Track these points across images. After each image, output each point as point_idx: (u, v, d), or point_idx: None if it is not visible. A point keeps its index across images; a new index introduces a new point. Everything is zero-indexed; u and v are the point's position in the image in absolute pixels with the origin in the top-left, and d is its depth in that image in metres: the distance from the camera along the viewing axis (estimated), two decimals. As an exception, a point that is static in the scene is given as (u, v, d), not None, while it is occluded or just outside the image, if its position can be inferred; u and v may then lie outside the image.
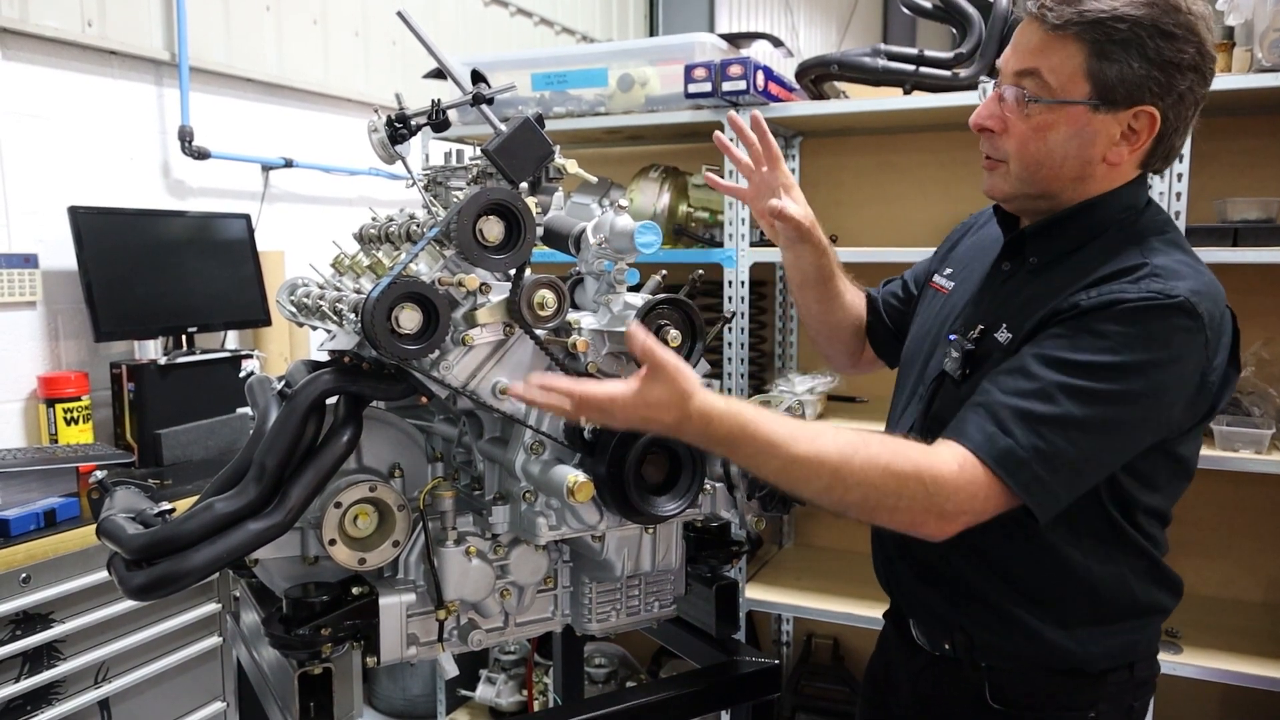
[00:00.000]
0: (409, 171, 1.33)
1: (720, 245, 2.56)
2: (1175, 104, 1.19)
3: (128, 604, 2.15)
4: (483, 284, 1.21)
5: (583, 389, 1.09)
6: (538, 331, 1.23)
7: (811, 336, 1.71)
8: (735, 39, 2.72)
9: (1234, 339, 1.28)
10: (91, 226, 2.60)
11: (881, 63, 2.43)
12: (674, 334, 1.24)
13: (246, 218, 3.06)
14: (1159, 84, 1.16)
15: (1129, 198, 1.26)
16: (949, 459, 1.13)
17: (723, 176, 2.48)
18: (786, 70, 2.59)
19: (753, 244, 2.54)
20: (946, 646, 1.37)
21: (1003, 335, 1.24)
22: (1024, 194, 1.28)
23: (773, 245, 2.59)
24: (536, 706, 2.94)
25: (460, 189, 1.39)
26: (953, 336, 1.31)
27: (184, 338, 2.85)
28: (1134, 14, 1.14)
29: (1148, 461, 1.23)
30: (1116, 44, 1.15)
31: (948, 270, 1.49)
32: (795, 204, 1.52)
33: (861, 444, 1.12)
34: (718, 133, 1.58)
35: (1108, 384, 1.12)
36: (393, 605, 1.26)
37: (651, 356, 1.08)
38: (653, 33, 6.02)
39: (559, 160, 1.32)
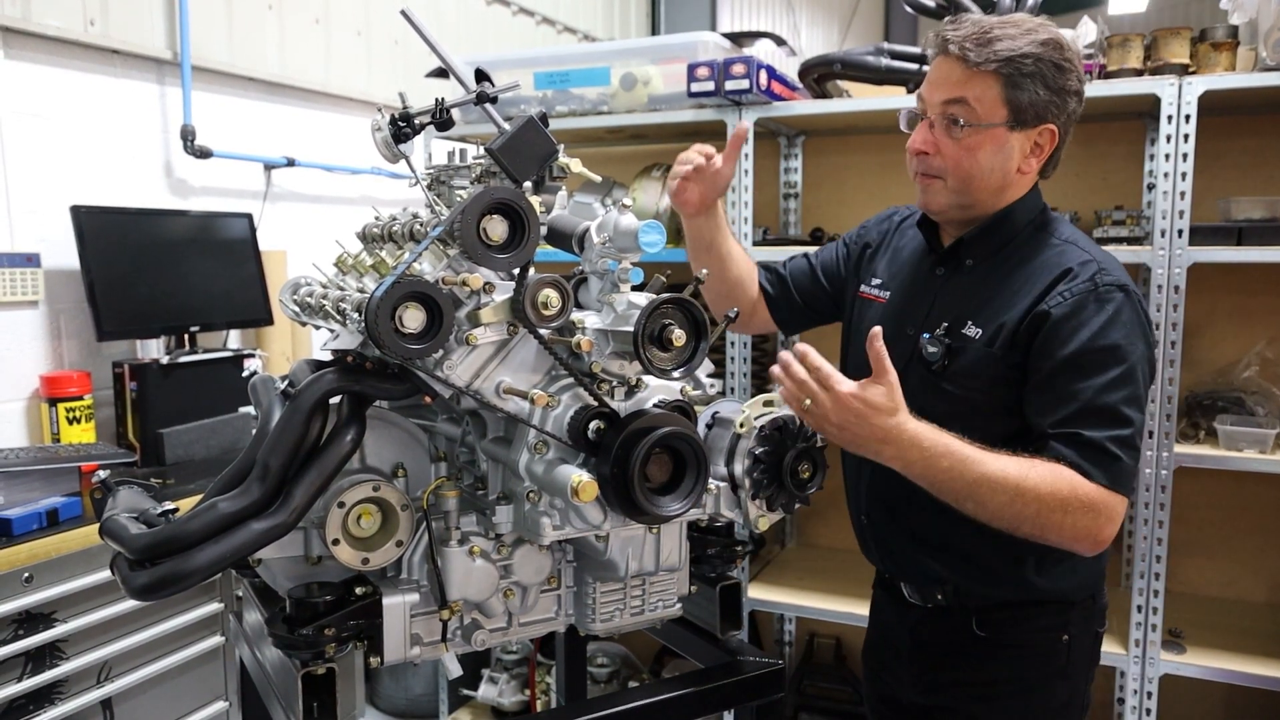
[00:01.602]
0: (412, 170, 1.33)
1: (723, 244, 2.55)
2: (1066, 121, 1.49)
3: (130, 603, 2.15)
4: (486, 283, 1.21)
5: (821, 364, 1.32)
6: (541, 331, 1.23)
7: (709, 299, 1.86)
8: (738, 38, 2.72)
9: None
10: (94, 226, 2.59)
11: (885, 61, 2.43)
12: (678, 333, 1.23)
13: (248, 217, 3.06)
14: (1057, 106, 1.46)
15: (1035, 201, 1.56)
16: (1090, 486, 1.36)
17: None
18: (789, 69, 2.59)
19: (756, 243, 2.54)
20: (939, 598, 1.61)
21: (971, 330, 1.50)
22: (957, 204, 1.53)
23: (776, 245, 2.60)
24: (539, 706, 2.93)
25: (463, 188, 1.39)
26: (926, 335, 1.54)
27: (186, 337, 2.85)
28: (1035, 51, 1.43)
29: None
30: (1025, 76, 1.43)
31: (876, 281, 1.72)
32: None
33: (1028, 464, 1.35)
34: (737, 132, 1.78)
35: (1137, 378, 1.41)
36: (396, 605, 1.26)
37: (880, 361, 1.31)
38: (654, 32, 6.02)
39: (563, 159, 1.31)
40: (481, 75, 1.33)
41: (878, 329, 1.36)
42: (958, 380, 1.51)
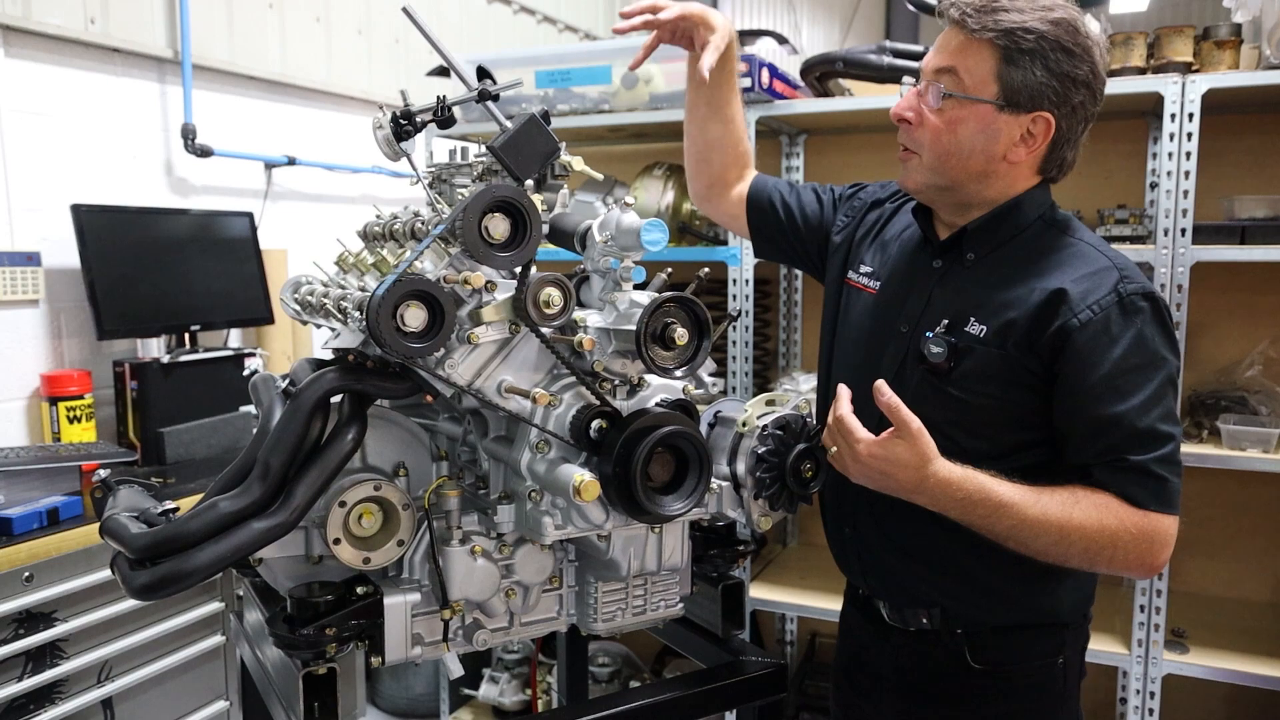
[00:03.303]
0: (414, 169, 1.32)
1: (724, 243, 2.55)
2: (1069, 115, 1.35)
3: (130, 603, 2.15)
4: (488, 282, 1.21)
5: (844, 414, 1.30)
6: (543, 329, 1.22)
7: (693, 155, 1.77)
8: (740, 36, 2.71)
9: None
10: (94, 224, 2.59)
11: (887, 60, 2.42)
12: (681, 332, 1.23)
13: (249, 216, 3.06)
14: (1056, 93, 1.33)
15: (1042, 198, 1.44)
16: (1139, 513, 1.31)
17: None
18: (791, 68, 2.59)
19: (757, 242, 2.53)
20: (924, 621, 1.48)
21: (974, 328, 1.39)
22: (933, 185, 1.42)
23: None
24: (540, 706, 2.93)
25: (465, 186, 1.38)
26: (929, 334, 1.41)
27: (186, 336, 2.85)
28: (1040, 28, 1.31)
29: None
30: (1024, 53, 1.31)
31: (865, 269, 1.59)
32: (714, 46, 1.58)
33: (1070, 501, 1.29)
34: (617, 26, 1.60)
35: (1171, 390, 1.36)
36: (397, 605, 1.25)
37: (898, 414, 1.25)
38: (656, 30, 6.01)
39: (565, 157, 1.31)
40: (483, 73, 1.32)
41: (844, 389, 1.33)
42: (965, 384, 1.38)
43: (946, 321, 1.40)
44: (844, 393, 1.33)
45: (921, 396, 1.38)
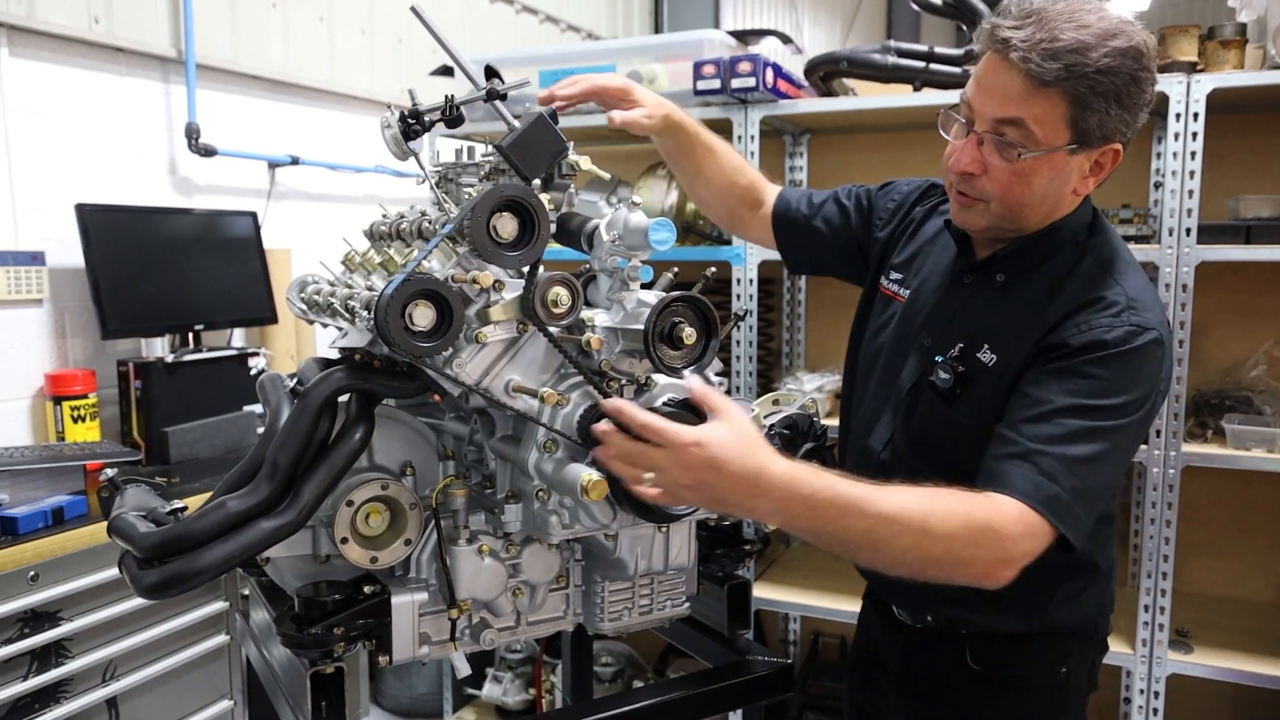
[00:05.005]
0: (422, 168, 1.32)
1: (728, 243, 2.55)
2: (1136, 133, 1.29)
3: (135, 602, 2.15)
4: (496, 281, 1.20)
5: (646, 418, 1.10)
6: (551, 329, 1.22)
7: (700, 202, 1.80)
8: (744, 36, 2.71)
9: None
10: (98, 224, 2.59)
11: (891, 59, 2.43)
12: (689, 331, 1.23)
13: (253, 215, 3.06)
14: (1128, 124, 1.26)
15: (1083, 216, 1.36)
16: (1009, 509, 1.19)
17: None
18: (795, 67, 2.59)
19: (761, 242, 2.53)
20: (929, 619, 1.47)
21: (986, 356, 1.33)
22: (999, 227, 1.35)
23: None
24: (544, 706, 2.93)
25: (472, 186, 1.38)
26: (939, 358, 1.37)
27: (190, 335, 2.85)
28: (1112, 65, 1.20)
29: None
30: (1098, 95, 1.21)
31: (896, 276, 1.54)
32: (638, 110, 1.58)
33: (932, 497, 1.17)
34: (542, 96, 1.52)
35: (1119, 419, 1.23)
36: (405, 604, 1.25)
37: (709, 398, 1.13)
38: (657, 30, 6.01)
39: (572, 157, 1.31)
40: (491, 72, 1.32)
41: (694, 382, 1.17)
42: (968, 411, 1.35)
43: (961, 345, 1.36)
44: (620, 405, 1.14)
45: (931, 414, 1.39)
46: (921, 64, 2.40)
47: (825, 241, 1.69)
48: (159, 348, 2.70)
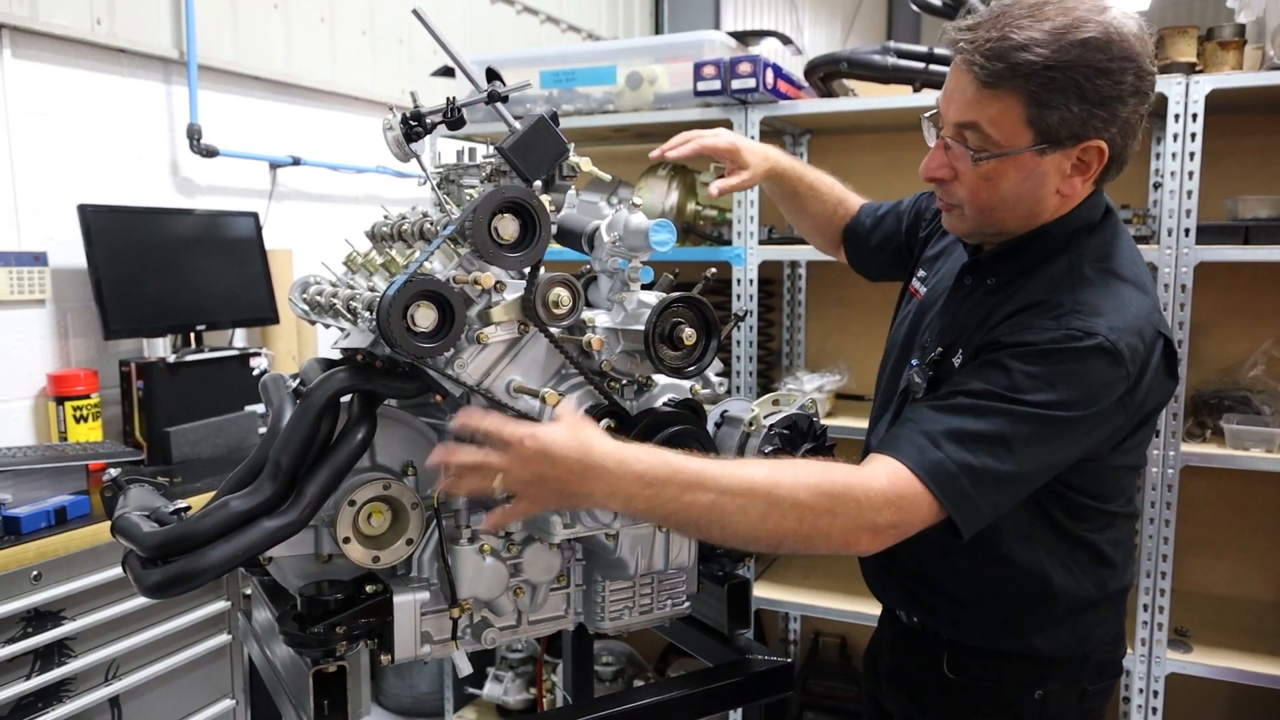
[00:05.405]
0: (423, 169, 1.33)
1: (729, 243, 2.56)
2: (1122, 128, 1.20)
3: (138, 601, 2.15)
4: (497, 282, 1.21)
5: (489, 424, 1.09)
6: (552, 329, 1.23)
7: (803, 233, 1.91)
8: (744, 36, 2.72)
9: (1167, 356, 1.28)
10: (100, 224, 2.60)
11: (891, 60, 2.43)
12: (689, 332, 1.23)
13: (254, 216, 3.07)
14: (1102, 119, 1.18)
15: (1083, 217, 1.29)
16: (878, 473, 1.14)
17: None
18: (795, 68, 2.59)
19: (761, 242, 2.54)
20: (914, 619, 1.47)
21: (957, 359, 1.28)
22: (981, 231, 1.33)
23: (781, 244, 2.60)
24: (545, 705, 2.94)
25: (473, 187, 1.39)
26: (914, 362, 1.35)
27: (192, 336, 2.85)
28: (1066, 59, 1.14)
29: (1084, 474, 1.28)
30: (1053, 91, 1.16)
31: (921, 274, 1.53)
32: (738, 176, 1.65)
33: (786, 467, 1.14)
34: (665, 154, 1.66)
35: (1031, 409, 1.15)
36: (407, 603, 1.26)
37: (503, 431, 1.09)
38: (658, 31, 6.02)
39: (573, 158, 1.32)
40: (493, 74, 1.33)
41: (464, 413, 1.13)
42: None
43: (941, 349, 1.32)
44: (467, 417, 1.13)
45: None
46: (921, 65, 2.40)
47: (880, 250, 1.73)
48: (161, 348, 2.71)
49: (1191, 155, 2.10)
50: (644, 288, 1.31)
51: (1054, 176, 1.23)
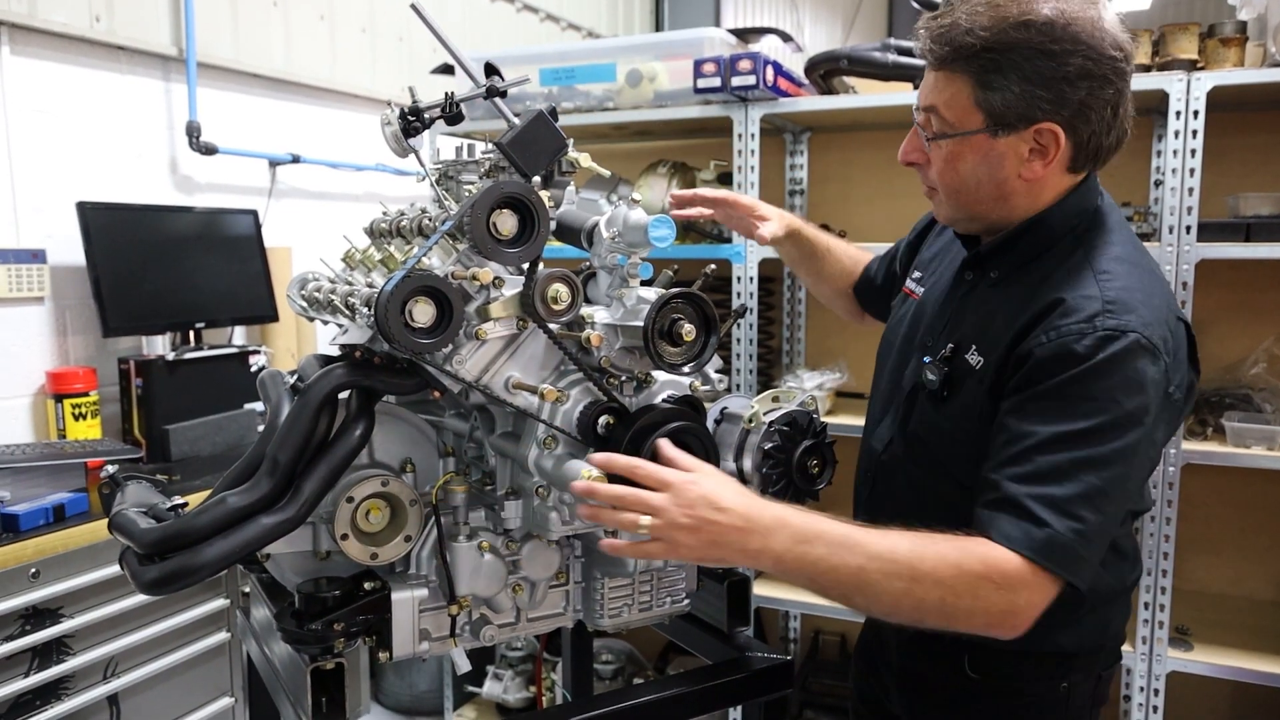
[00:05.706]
0: (422, 165, 1.32)
1: (729, 241, 2.56)
2: (1077, 113, 1.22)
3: (136, 599, 2.15)
4: (496, 278, 1.21)
5: (635, 462, 1.12)
6: (551, 326, 1.22)
7: (821, 298, 1.95)
8: (744, 34, 2.71)
9: (1189, 345, 1.30)
10: (99, 222, 2.59)
11: (892, 57, 2.43)
12: (688, 328, 1.23)
13: (254, 213, 3.06)
14: (1048, 101, 1.20)
15: (1077, 205, 1.30)
16: (1006, 559, 1.13)
17: (731, 172, 2.48)
18: (795, 65, 2.59)
19: (761, 239, 2.53)
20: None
21: (974, 358, 1.29)
22: (960, 217, 1.37)
23: (782, 241, 2.59)
24: (545, 703, 2.93)
25: (472, 183, 1.38)
26: (927, 359, 1.35)
27: (191, 333, 2.85)
28: (1006, 40, 1.19)
29: None
30: (993, 73, 1.21)
31: (916, 274, 1.55)
32: (766, 228, 1.72)
33: (927, 542, 1.13)
34: (674, 212, 1.72)
35: (1110, 443, 1.15)
36: (405, 600, 1.26)
37: (678, 462, 1.13)
38: (658, 28, 6.01)
39: (572, 154, 1.31)
40: (491, 70, 1.32)
41: (666, 444, 1.16)
42: (955, 416, 1.32)
43: (951, 346, 1.33)
44: (610, 457, 1.15)
45: (922, 417, 1.38)
46: (922, 62, 2.40)
47: (889, 283, 1.75)
48: (160, 345, 2.71)
49: (1193, 152, 2.10)
50: (643, 284, 1.30)
51: (1011, 159, 1.25)
